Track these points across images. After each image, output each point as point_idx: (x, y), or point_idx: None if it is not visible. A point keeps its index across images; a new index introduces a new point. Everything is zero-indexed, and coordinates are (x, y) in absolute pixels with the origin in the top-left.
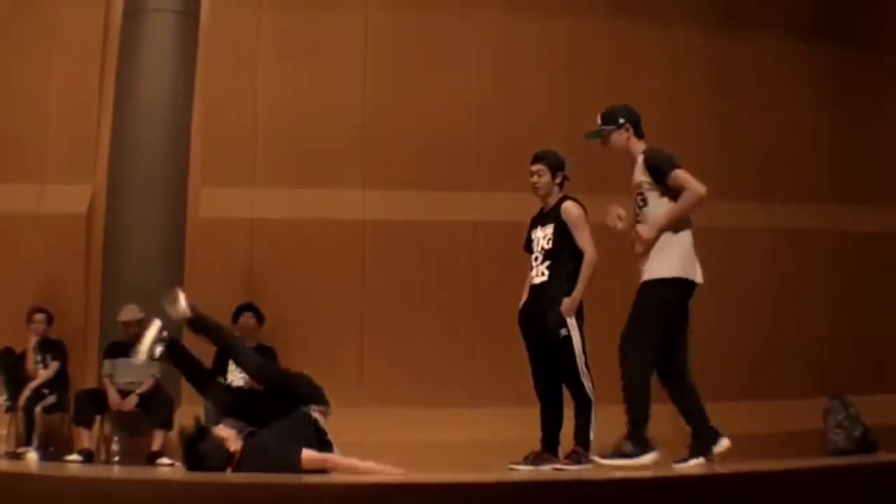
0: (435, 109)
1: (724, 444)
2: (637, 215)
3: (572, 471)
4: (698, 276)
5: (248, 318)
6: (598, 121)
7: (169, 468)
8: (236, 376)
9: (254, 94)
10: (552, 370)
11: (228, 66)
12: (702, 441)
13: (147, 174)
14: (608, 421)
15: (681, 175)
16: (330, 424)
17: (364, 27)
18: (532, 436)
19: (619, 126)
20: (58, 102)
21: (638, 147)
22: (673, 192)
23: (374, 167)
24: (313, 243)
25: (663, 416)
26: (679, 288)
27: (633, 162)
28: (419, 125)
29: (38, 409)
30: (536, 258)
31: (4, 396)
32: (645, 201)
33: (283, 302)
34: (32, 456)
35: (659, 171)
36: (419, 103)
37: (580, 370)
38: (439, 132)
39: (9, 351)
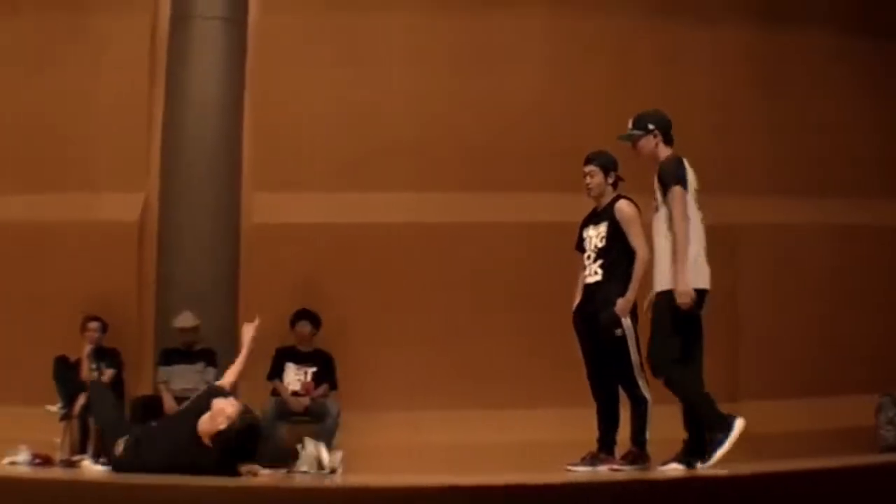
0: (487, 110)
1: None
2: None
3: (628, 471)
4: (704, 283)
5: (304, 326)
6: (630, 125)
7: None
8: (293, 379)
9: (304, 99)
10: (607, 370)
11: (278, 72)
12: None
13: (199, 181)
14: (665, 421)
15: (675, 193)
16: (390, 428)
17: (414, 29)
18: (588, 437)
19: (648, 131)
20: (107, 110)
21: (663, 153)
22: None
23: (427, 170)
24: (368, 247)
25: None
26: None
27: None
28: (471, 127)
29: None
30: (589, 257)
31: (59, 405)
32: (657, 208)
33: (339, 307)
34: (87, 464)
35: (662, 182)
36: (471, 105)
37: (635, 370)
38: (491, 133)
39: (63, 359)
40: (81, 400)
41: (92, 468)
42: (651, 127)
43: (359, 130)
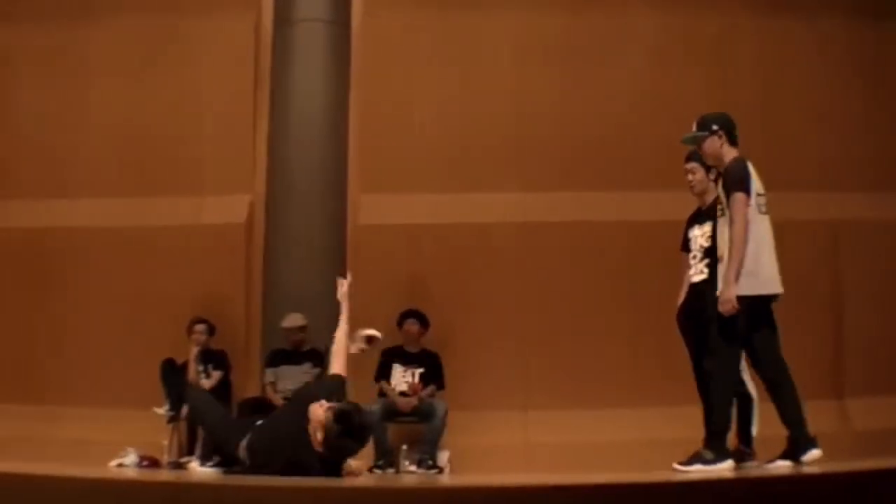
0: (590, 109)
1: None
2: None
3: (734, 469)
4: (768, 289)
5: (411, 325)
6: (694, 127)
7: None
8: (399, 380)
9: (408, 100)
10: None
11: (382, 73)
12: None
13: (305, 183)
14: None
15: (736, 200)
16: (497, 428)
17: (518, 27)
18: (696, 434)
19: (713, 133)
20: (213, 114)
21: (728, 155)
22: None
23: (531, 169)
24: (473, 247)
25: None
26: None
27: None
28: (575, 126)
29: None
30: (695, 256)
31: (166, 407)
32: (723, 210)
33: (445, 306)
34: (195, 466)
35: (725, 186)
36: (575, 103)
37: (741, 368)
38: (595, 132)
39: (170, 362)
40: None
41: (198, 470)
42: (715, 128)
43: (463, 130)
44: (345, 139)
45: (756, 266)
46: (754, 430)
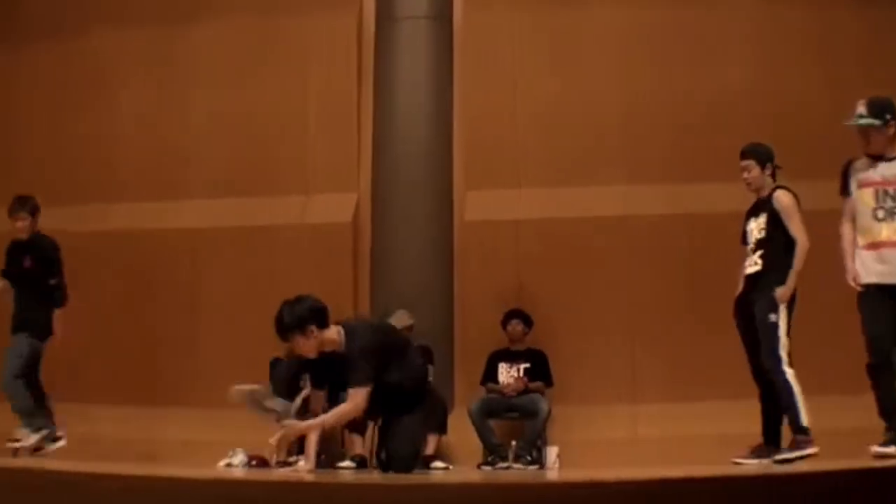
0: (693, 103)
1: None
2: (877, 209)
3: (792, 460)
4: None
5: (516, 325)
6: (862, 109)
7: (443, 472)
8: (505, 377)
9: (513, 95)
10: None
11: (486, 68)
12: None
13: (411, 179)
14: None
15: None
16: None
17: (621, 22)
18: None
19: (885, 122)
20: (317, 113)
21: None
22: None
23: (635, 163)
24: (579, 241)
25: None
26: None
27: (888, 157)
28: (678, 119)
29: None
30: (752, 249)
31: (274, 401)
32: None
33: (551, 301)
34: (303, 465)
35: None
36: (678, 97)
37: (782, 358)
38: (699, 125)
39: (279, 361)
40: (298, 401)
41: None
42: (888, 117)
43: (568, 125)
44: (449, 135)
45: None
46: (804, 420)
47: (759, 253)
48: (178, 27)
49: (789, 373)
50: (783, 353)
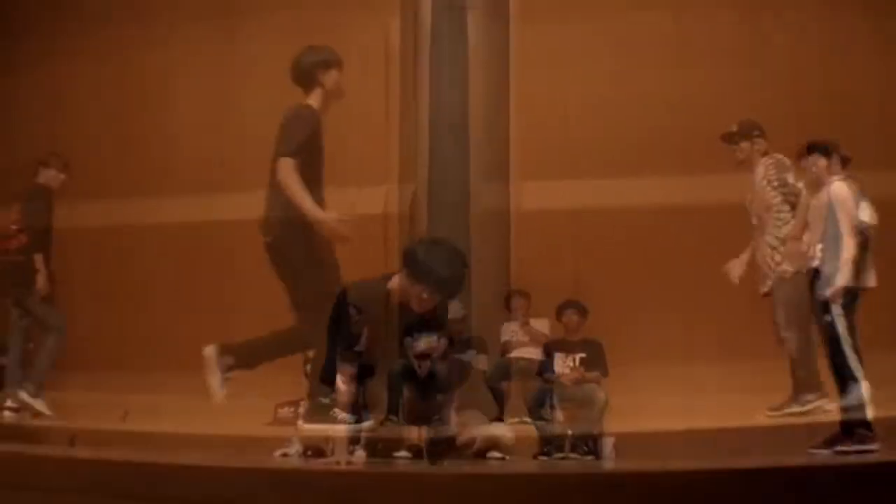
0: (737, 96)
1: None
2: None
3: (857, 452)
4: None
5: (571, 315)
6: None
7: (499, 462)
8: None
9: (567, 87)
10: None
11: (540, 61)
12: None
13: (465, 171)
14: None
15: None
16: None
17: (675, 20)
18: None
19: None
20: (371, 105)
21: None
22: None
23: (683, 154)
24: (633, 232)
25: None
26: None
27: None
28: (723, 112)
29: None
30: None
31: (329, 397)
32: None
33: (608, 290)
34: (361, 454)
35: None
36: (731, 94)
37: (847, 352)
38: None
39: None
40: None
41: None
42: None
43: (620, 117)
44: (504, 127)
45: None
46: (868, 413)
47: (818, 246)
48: (226, 24)
49: (854, 367)
50: (847, 347)
